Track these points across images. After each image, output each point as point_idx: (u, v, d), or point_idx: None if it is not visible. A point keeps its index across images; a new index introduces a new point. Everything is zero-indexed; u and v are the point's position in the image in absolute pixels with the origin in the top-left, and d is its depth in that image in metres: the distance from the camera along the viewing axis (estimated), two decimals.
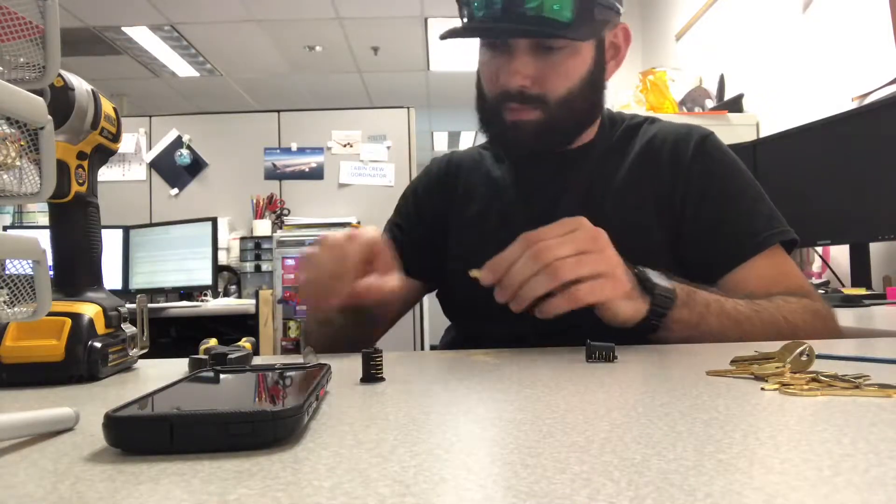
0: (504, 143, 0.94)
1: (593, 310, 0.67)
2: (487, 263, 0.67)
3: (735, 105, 2.64)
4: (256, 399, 0.38)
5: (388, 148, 4.02)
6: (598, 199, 0.91)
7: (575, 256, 0.64)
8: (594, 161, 0.93)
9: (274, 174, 4.08)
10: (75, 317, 0.54)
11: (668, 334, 0.70)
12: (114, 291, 0.62)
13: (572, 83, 0.86)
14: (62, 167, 0.57)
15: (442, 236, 1.02)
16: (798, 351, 0.47)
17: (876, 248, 1.78)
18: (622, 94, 2.96)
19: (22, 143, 0.36)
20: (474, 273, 0.68)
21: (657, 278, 0.70)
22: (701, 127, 0.95)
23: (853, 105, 1.94)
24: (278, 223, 3.97)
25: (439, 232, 1.02)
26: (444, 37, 0.86)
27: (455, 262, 1.00)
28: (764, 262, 0.84)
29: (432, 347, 1.06)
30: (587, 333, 0.63)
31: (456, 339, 1.03)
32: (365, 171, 4.04)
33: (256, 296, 3.22)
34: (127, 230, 3.33)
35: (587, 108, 0.90)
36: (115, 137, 0.62)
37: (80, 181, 0.59)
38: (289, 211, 4.03)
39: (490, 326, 0.86)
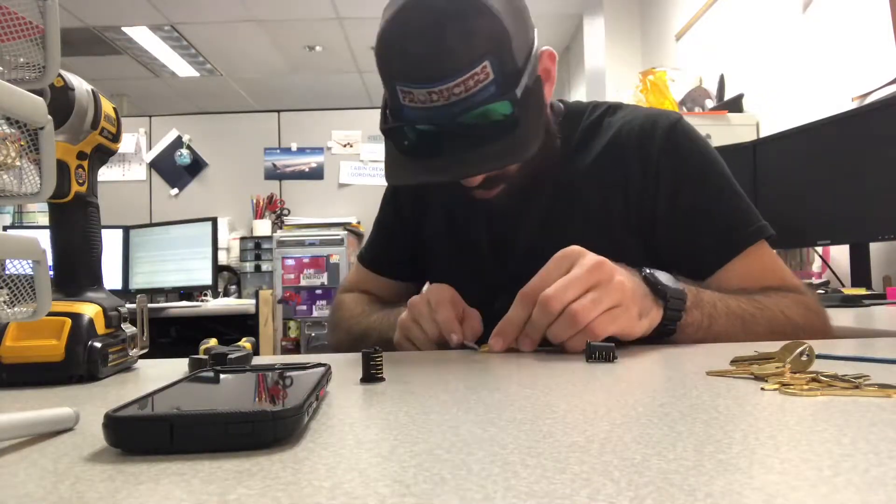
0: (472, 205, 0.90)
1: None
2: (495, 331, 0.66)
3: (735, 105, 2.64)
4: (256, 399, 0.38)
5: None
6: (563, 207, 0.88)
7: (589, 295, 0.61)
8: (557, 165, 0.89)
9: (274, 174, 4.09)
10: (75, 317, 0.54)
11: (680, 337, 0.69)
12: (114, 291, 0.62)
13: None
14: (62, 167, 0.57)
15: (418, 228, 1.02)
16: (798, 351, 0.47)
17: (876, 248, 1.78)
18: (622, 94, 2.96)
19: (22, 143, 0.36)
20: (485, 349, 0.67)
21: (667, 281, 0.69)
22: (669, 112, 0.89)
23: (853, 105, 1.94)
24: (278, 223, 3.97)
25: (416, 224, 1.02)
26: (396, 185, 0.85)
27: (430, 272, 1.02)
28: (748, 259, 0.81)
29: None
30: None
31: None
32: (365, 171, 4.05)
33: (256, 296, 3.22)
34: (127, 230, 3.33)
35: (545, 151, 0.83)
36: (115, 137, 0.62)
37: (80, 181, 0.59)
38: (289, 211, 4.04)
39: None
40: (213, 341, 0.66)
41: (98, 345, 0.54)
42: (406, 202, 1.04)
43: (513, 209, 0.90)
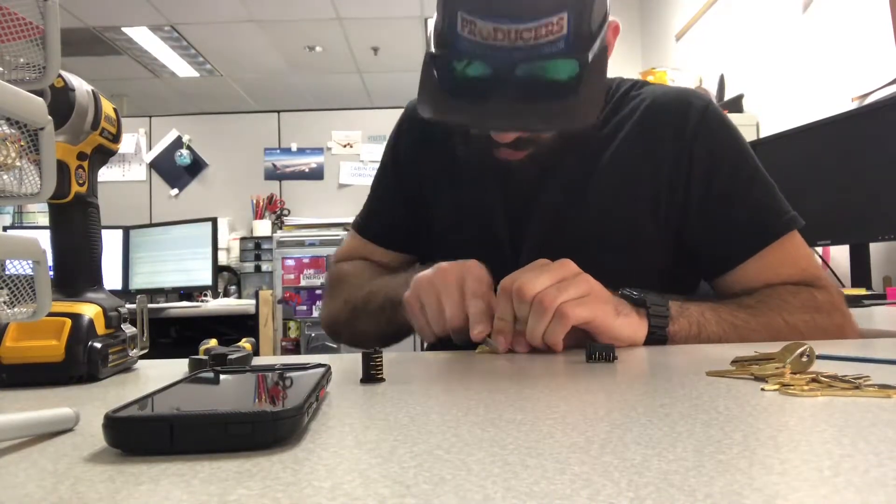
0: (494, 168, 0.85)
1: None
2: (493, 331, 0.65)
3: (735, 105, 2.64)
4: (256, 400, 0.38)
5: None
6: (582, 183, 0.84)
7: (555, 285, 0.63)
8: (579, 141, 0.84)
9: (274, 174, 4.09)
10: (75, 317, 0.54)
11: (671, 346, 0.69)
12: (114, 291, 0.62)
13: None
14: (62, 168, 0.57)
15: (422, 197, 0.95)
16: (798, 352, 0.47)
17: (876, 248, 1.78)
18: None
19: (22, 144, 0.36)
20: (484, 350, 0.67)
21: (643, 294, 0.69)
22: (697, 95, 0.86)
23: (853, 105, 1.94)
24: (278, 223, 3.97)
25: (420, 192, 0.95)
26: (433, 120, 0.74)
27: (437, 247, 0.91)
28: (774, 250, 0.80)
29: (431, 348, 1.06)
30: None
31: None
32: (365, 171, 4.05)
33: (256, 296, 3.22)
34: (127, 230, 3.33)
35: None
36: (116, 138, 0.62)
37: (81, 182, 0.59)
38: (289, 211, 4.04)
39: None
40: (212, 342, 0.66)
41: (98, 345, 0.54)
42: (409, 168, 0.96)
43: (531, 179, 0.85)
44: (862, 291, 1.61)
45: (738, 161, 0.83)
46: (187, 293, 3.30)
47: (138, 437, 0.29)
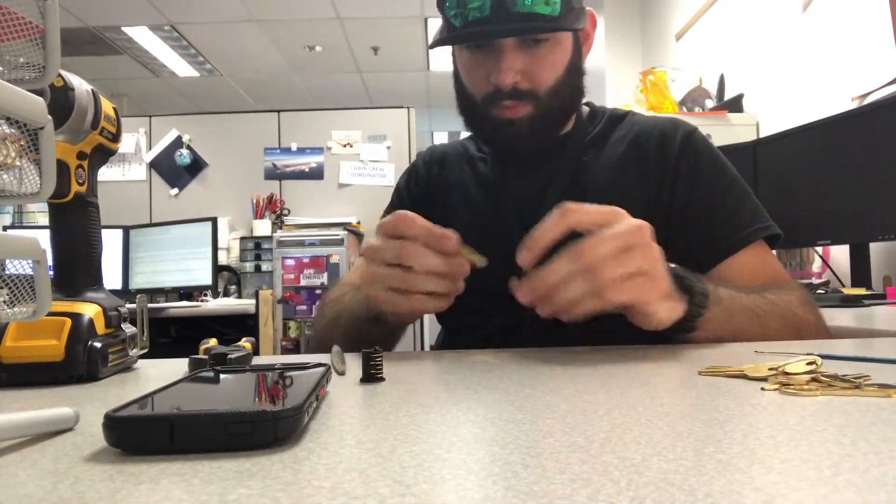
0: (499, 141, 0.95)
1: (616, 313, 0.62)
2: (527, 282, 0.60)
3: (735, 105, 2.64)
4: (256, 399, 0.38)
5: (388, 148, 4.02)
6: (582, 190, 0.91)
7: (615, 256, 0.57)
8: (577, 151, 0.95)
9: (274, 174, 4.08)
10: (75, 317, 0.54)
11: (700, 335, 0.67)
12: (114, 291, 0.62)
13: (559, 73, 0.88)
14: (62, 167, 0.57)
15: (433, 214, 1.03)
16: (803, 358, 0.47)
17: (876, 248, 1.78)
18: (622, 94, 2.96)
19: (22, 143, 0.36)
20: (465, 253, 0.62)
21: (690, 275, 0.67)
22: (685, 122, 0.96)
23: (853, 105, 1.94)
24: (278, 223, 3.97)
25: (429, 210, 1.02)
26: (433, 46, 0.87)
27: None
28: (747, 255, 0.86)
29: (432, 347, 1.06)
30: (583, 326, 0.62)
31: (448, 338, 1.03)
32: (365, 171, 4.04)
33: (256, 296, 3.22)
34: (127, 230, 3.33)
35: (572, 95, 0.92)
36: (115, 137, 0.62)
37: (80, 181, 0.59)
38: (289, 211, 4.04)
39: (482, 319, 0.86)
40: (213, 341, 0.66)
41: (98, 345, 0.54)
42: (416, 199, 1.05)
43: (539, 191, 0.93)
44: (862, 291, 1.61)
45: (717, 174, 0.91)
46: (187, 293, 3.29)
47: (138, 436, 0.29)
